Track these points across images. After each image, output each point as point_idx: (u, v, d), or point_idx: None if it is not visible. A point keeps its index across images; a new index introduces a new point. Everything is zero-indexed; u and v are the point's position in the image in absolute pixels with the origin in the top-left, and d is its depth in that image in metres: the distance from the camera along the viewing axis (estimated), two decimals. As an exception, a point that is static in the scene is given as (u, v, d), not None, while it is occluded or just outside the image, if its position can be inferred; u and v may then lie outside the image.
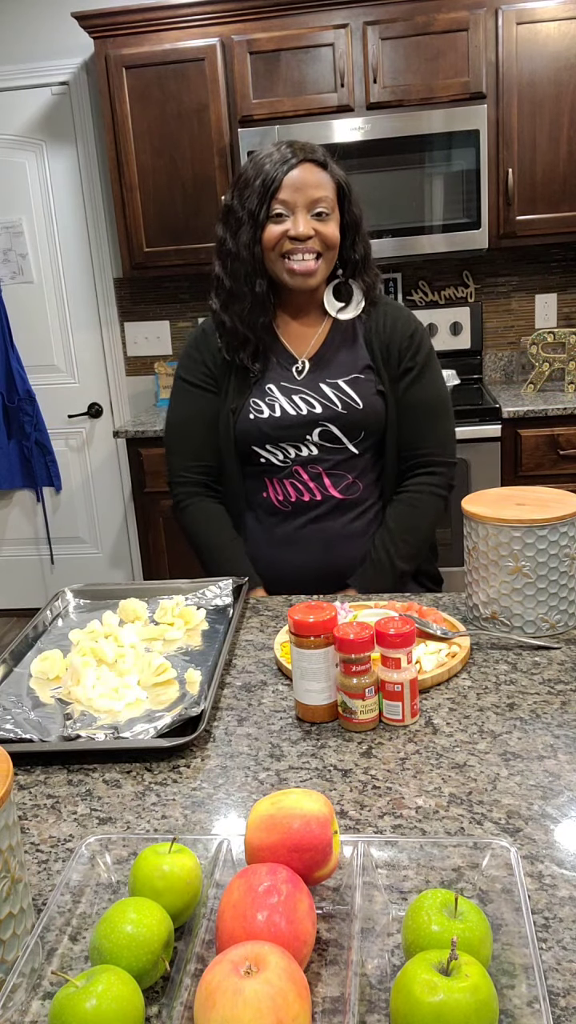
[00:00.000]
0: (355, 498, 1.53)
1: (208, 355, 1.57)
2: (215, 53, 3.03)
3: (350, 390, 1.49)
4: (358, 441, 1.51)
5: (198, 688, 1.14)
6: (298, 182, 1.41)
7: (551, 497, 1.29)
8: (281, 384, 1.51)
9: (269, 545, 1.56)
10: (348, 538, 1.53)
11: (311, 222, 1.42)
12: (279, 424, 1.50)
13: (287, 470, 1.52)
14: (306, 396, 1.49)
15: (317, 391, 1.50)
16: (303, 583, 1.53)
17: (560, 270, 3.47)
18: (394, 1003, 0.59)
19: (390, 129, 2.96)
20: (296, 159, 1.42)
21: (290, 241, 1.42)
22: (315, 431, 1.50)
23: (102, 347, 3.75)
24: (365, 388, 1.51)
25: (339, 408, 1.49)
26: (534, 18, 2.89)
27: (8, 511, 3.94)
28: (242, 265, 1.47)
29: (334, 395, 1.49)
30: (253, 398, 1.51)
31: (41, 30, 3.44)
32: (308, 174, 1.42)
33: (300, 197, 1.41)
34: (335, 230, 1.45)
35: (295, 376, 1.51)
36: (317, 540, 1.52)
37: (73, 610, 1.48)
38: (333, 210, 1.45)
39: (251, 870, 0.69)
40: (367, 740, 1.02)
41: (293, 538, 1.53)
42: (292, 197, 1.41)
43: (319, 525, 1.53)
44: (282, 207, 1.42)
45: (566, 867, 0.78)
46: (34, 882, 0.81)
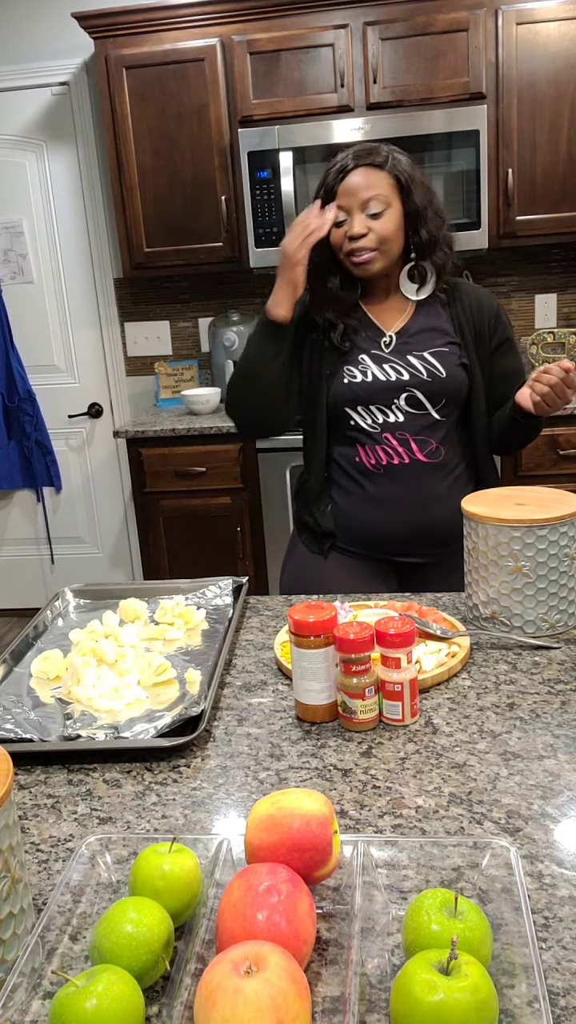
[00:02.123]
0: (439, 462, 1.65)
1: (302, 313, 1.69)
2: (215, 53, 3.03)
3: (434, 360, 1.63)
4: (441, 407, 1.63)
5: (198, 688, 1.14)
6: (351, 187, 1.57)
7: (551, 497, 1.29)
8: (372, 353, 1.65)
9: (364, 504, 1.67)
10: (436, 500, 1.65)
11: (365, 221, 1.57)
12: (371, 388, 1.63)
13: (376, 435, 1.64)
14: (395, 364, 1.63)
15: (404, 361, 1.63)
16: (397, 543, 1.67)
17: (560, 270, 3.47)
18: (394, 1003, 0.59)
19: (390, 129, 2.96)
20: (351, 165, 1.58)
21: (350, 241, 1.58)
22: (402, 396, 1.62)
23: (102, 347, 3.75)
24: (449, 359, 1.63)
25: (424, 376, 1.62)
26: (534, 18, 2.89)
27: (8, 511, 3.94)
28: (319, 268, 1.64)
29: (420, 364, 1.62)
30: (347, 365, 1.65)
31: (41, 30, 3.44)
32: (361, 178, 1.57)
33: (354, 200, 1.57)
34: (389, 224, 1.58)
35: (383, 348, 1.65)
36: (407, 501, 1.65)
37: (73, 610, 1.48)
38: (389, 205, 1.58)
39: (251, 870, 0.69)
40: (367, 740, 1.02)
41: (386, 498, 1.65)
42: (347, 202, 1.57)
43: (408, 486, 1.65)
44: (341, 212, 1.58)
45: (566, 867, 0.78)
46: (34, 882, 0.81)
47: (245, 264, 3.19)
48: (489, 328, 1.69)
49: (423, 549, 1.68)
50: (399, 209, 1.59)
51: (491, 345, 1.69)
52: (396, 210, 1.59)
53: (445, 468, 1.66)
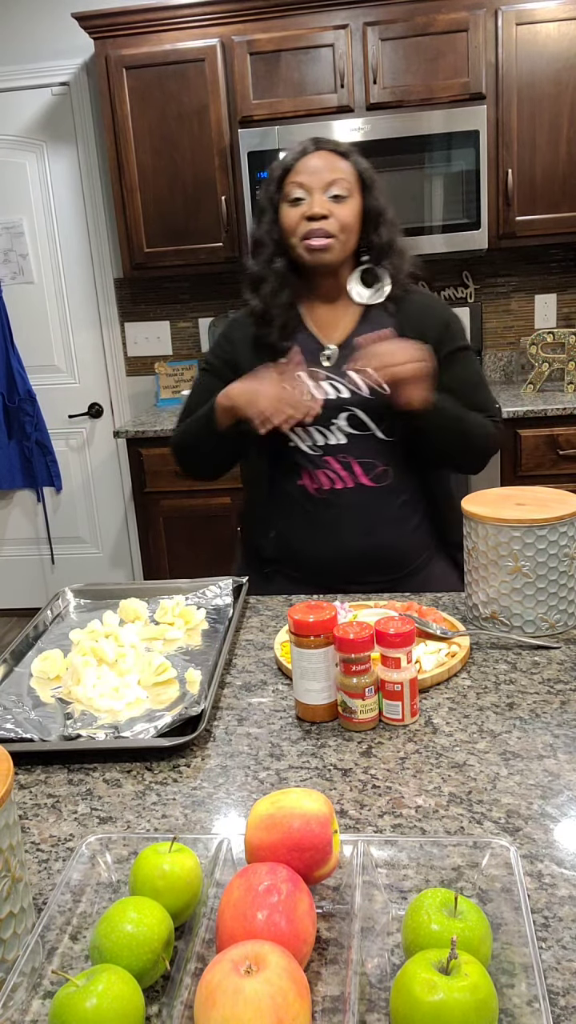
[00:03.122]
0: (387, 485, 1.56)
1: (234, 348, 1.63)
2: (215, 54, 3.03)
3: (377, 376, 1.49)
4: (385, 426, 1.53)
5: (198, 688, 1.14)
6: (313, 166, 1.49)
7: (551, 497, 1.29)
8: (309, 370, 1.54)
9: (308, 530, 1.58)
10: (383, 524, 1.56)
11: (327, 203, 1.48)
12: None
13: (318, 459, 1.55)
14: (333, 381, 1.53)
15: (344, 376, 1.52)
16: (341, 569, 1.56)
17: (560, 270, 3.47)
18: (394, 1002, 0.59)
19: (390, 130, 2.97)
20: (314, 147, 1.51)
21: (307, 222, 1.48)
22: (342, 416, 1.52)
23: (102, 347, 3.75)
24: None
25: (365, 393, 1.51)
26: (534, 19, 2.89)
27: (8, 511, 3.95)
28: (264, 249, 1.55)
29: (361, 380, 1.51)
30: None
31: (41, 31, 3.44)
32: (324, 160, 1.49)
33: (316, 180, 1.48)
34: (351, 213, 1.49)
35: (323, 363, 1.54)
36: (351, 527, 1.55)
37: (73, 610, 1.48)
38: (351, 195, 1.49)
39: (251, 869, 0.69)
40: (367, 740, 1.02)
41: (329, 524, 1.56)
42: (309, 180, 1.48)
43: (353, 512, 1.55)
44: (300, 190, 1.49)
45: (565, 866, 0.78)
46: (34, 881, 0.81)
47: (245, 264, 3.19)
48: (437, 338, 1.56)
49: (372, 576, 1.56)
50: (359, 203, 1.51)
51: (440, 354, 1.54)
52: (357, 202, 1.51)
53: (394, 491, 1.56)
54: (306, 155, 1.50)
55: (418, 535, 1.61)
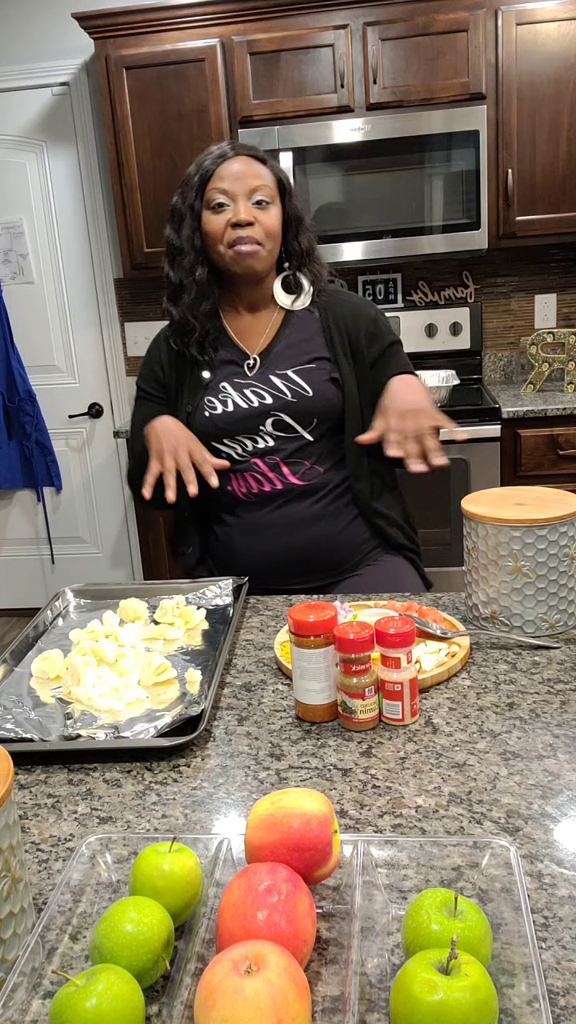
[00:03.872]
0: (316, 483, 1.56)
1: (158, 365, 1.63)
2: (215, 54, 3.03)
3: (299, 379, 1.52)
4: (311, 428, 1.54)
5: (198, 688, 1.14)
6: (236, 172, 1.47)
7: (551, 497, 1.29)
8: (233, 381, 1.55)
9: (241, 535, 1.59)
10: (314, 521, 1.56)
11: (252, 210, 1.47)
12: (232, 418, 1.53)
13: (246, 463, 1.55)
14: (256, 389, 1.53)
15: (267, 383, 1.53)
16: (277, 569, 1.57)
17: (560, 270, 3.47)
18: (394, 1002, 0.59)
19: (390, 130, 2.97)
20: (232, 152, 1.49)
21: (233, 229, 1.47)
22: (268, 421, 1.53)
23: (102, 347, 3.75)
24: (316, 376, 1.53)
25: (289, 397, 1.52)
26: (534, 19, 2.89)
27: (8, 511, 3.95)
28: (184, 257, 1.53)
29: (284, 385, 1.52)
30: (207, 396, 1.55)
31: (41, 31, 3.44)
32: (245, 165, 1.47)
33: (239, 186, 1.46)
34: (275, 219, 1.50)
35: (246, 372, 1.55)
36: (282, 526, 1.55)
37: (73, 610, 1.48)
38: (273, 200, 1.49)
39: (251, 869, 0.69)
40: (367, 740, 1.02)
41: (261, 526, 1.56)
42: (232, 187, 1.46)
43: (283, 511, 1.55)
44: (223, 196, 1.47)
45: (565, 866, 0.78)
46: (34, 881, 0.81)
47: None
48: (367, 337, 1.57)
49: (308, 576, 1.57)
50: (280, 210, 1.51)
51: (370, 355, 1.57)
52: (279, 209, 1.50)
53: (323, 488, 1.57)
54: (226, 160, 1.48)
55: (351, 532, 1.59)
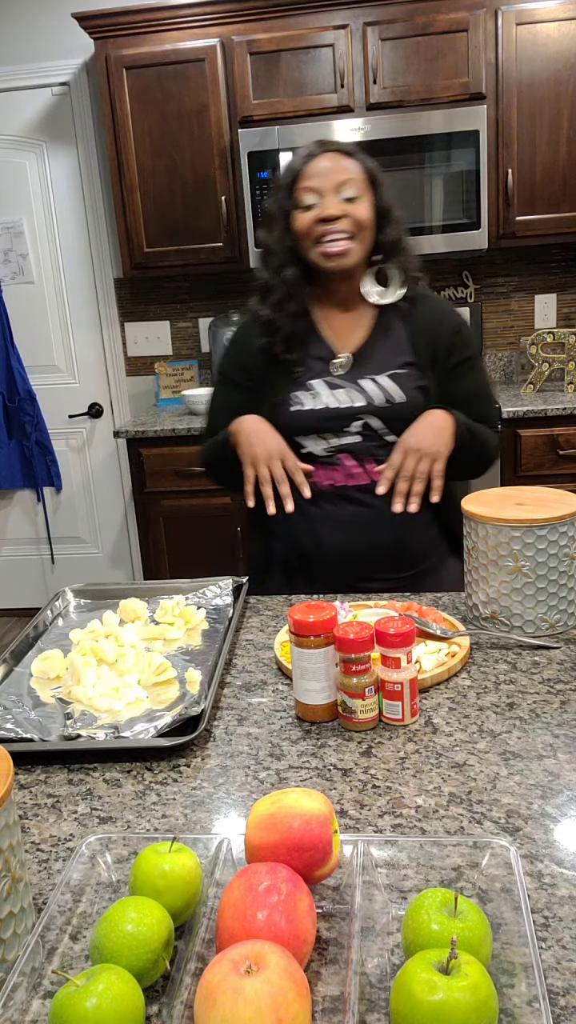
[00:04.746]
0: None
1: (247, 353, 1.62)
2: (215, 53, 3.03)
3: (391, 384, 1.52)
4: (399, 431, 1.52)
5: (198, 687, 1.14)
6: (323, 168, 1.47)
7: (551, 497, 1.29)
8: (324, 378, 1.55)
9: (316, 529, 1.57)
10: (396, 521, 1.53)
11: (341, 204, 1.46)
12: (320, 416, 1.53)
13: (330, 458, 1.55)
14: (348, 390, 1.53)
15: (358, 385, 1.53)
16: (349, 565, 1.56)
17: (560, 270, 3.47)
18: (394, 1002, 0.59)
19: (390, 130, 2.96)
20: (320, 150, 1.49)
21: (321, 224, 1.46)
22: (355, 423, 1.53)
23: (102, 347, 3.75)
24: (406, 383, 1.53)
25: (379, 403, 1.52)
26: (534, 19, 2.89)
27: (8, 511, 3.94)
28: (275, 258, 1.53)
29: (375, 390, 1.52)
30: (295, 391, 1.55)
31: (41, 31, 3.44)
32: (332, 161, 1.48)
33: (327, 182, 1.46)
34: (366, 211, 1.49)
35: (337, 371, 1.54)
36: (363, 522, 1.55)
37: (73, 610, 1.48)
38: (363, 193, 1.49)
39: (251, 869, 0.69)
40: (367, 739, 1.02)
41: (340, 520, 1.55)
42: (319, 183, 1.46)
43: (367, 509, 1.55)
44: (311, 195, 1.47)
45: (565, 866, 0.78)
46: (34, 881, 0.81)
47: (245, 264, 3.19)
48: (447, 347, 1.57)
49: (377, 571, 1.56)
50: (371, 202, 1.50)
51: (448, 363, 1.57)
52: (369, 201, 1.49)
53: None
54: (313, 158, 1.48)
55: (426, 534, 1.60)
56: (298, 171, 1.49)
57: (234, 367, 1.64)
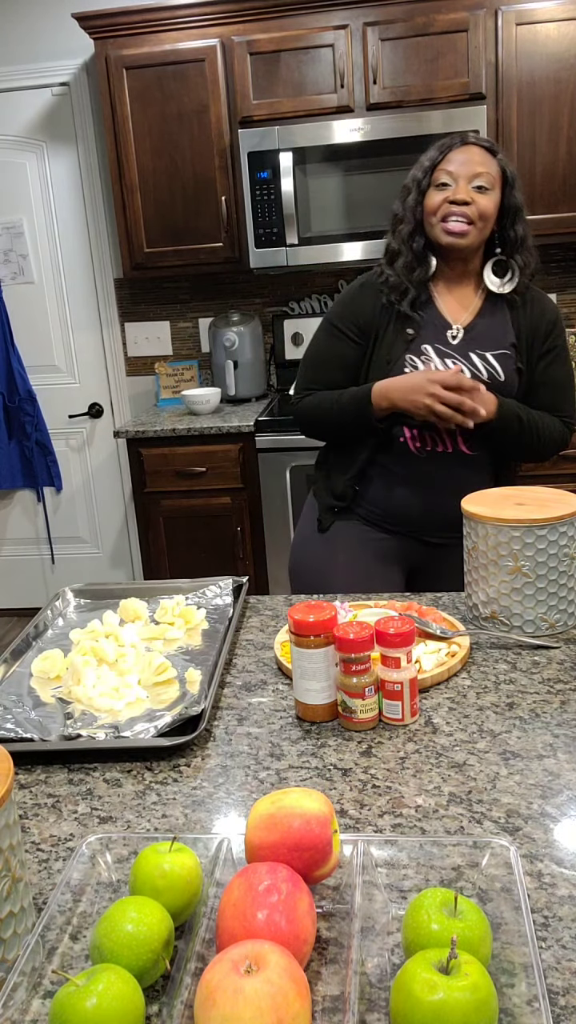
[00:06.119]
0: (480, 455, 1.69)
1: (362, 310, 1.72)
2: (215, 54, 3.03)
3: (496, 363, 1.65)
4: None
5: (198, 687, 1.14)
6: (463, 158, 1.61)
7: (551, 497, 1.29)
8: (436, 346, 1.66)
9: (402, 484, 1.71)
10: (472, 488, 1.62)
11: (471, 192, 1.59)
12: None
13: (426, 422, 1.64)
14: (457, 361, 1.65)
15: (467, 359, 1.65)
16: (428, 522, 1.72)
17: (560, 270, 3.47)
18: (394, 1002, 0.59)
19: (390, 130, 2.96)
20: (464, 141, 1.63)
21: (449, 205, 1.60)
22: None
23: (102, 347, 3.75)
24: (508, 363, 1.66)
25: (484, 377, 1.64)
26: (534, 19, 2.89)
27: (9, 511, 3.94)
28: (406, 226, 1.67)
29: (482, 365, 1.65)
30: (409, 354, 1.67)
31: (41, 31, 3.44)
32: (473, 154, 1.61)
33: (464, 170, 1.60)
34: (491, 204, 1.61)
35: (449, 340, 1.66)
36: (444, 486, 1.68)
37: (74, 610, 1.48)
38: (494, 188, 1.61)
39: (251, 869, 0.69)
40: (367, 739, 1.02)
41: (425, 482, 1.69)
42: (457, 169, 1.60)
43: (449, 473, 1.68)
44: (447, 177, 1.61)
45: (565, 866, 0.78)
46: (35, 881, 0.81)
47: (245, 264, 3.19)
48: (544, 334, 1.70)
49: (445, 532, 1.72)
50: (499, 198, 1.62)
51: (541, 350, 1.70)
52: (497, 196, 1.62)
53: (484, 461, 1.71)
54: (456, 148, 1.62)
55: None
56: (441, 155, 1.63)
57: (348, 321, 1.73)
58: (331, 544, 1.78)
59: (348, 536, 1.76)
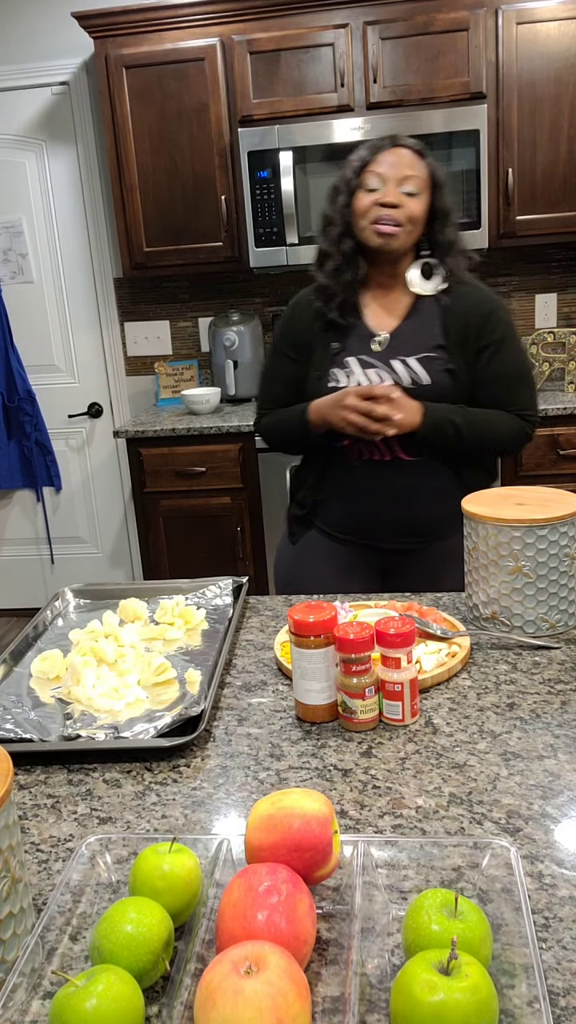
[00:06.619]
0: (421, 460, 1.66)
1: (296, 328, 1.74)
2: (215, 53, 3.03)
3: (419, 367, 1.62)
4: None
5: (198, 688, 1.14)
6: (392, 160, 1.60)
7: (551, 497, 1.29)
8: (359, 357, 1.66)
9: (348, 493, 1.72)
10: (415, 494, 1.67)
11: (400, 195, 1.59)
12: None
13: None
14: (379, 370, 1.64)
15: (389, 366, 1.64)
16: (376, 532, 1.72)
17: (560, 270, 3.47)
18: (394, 1003, 0.59)
19: (390, 129, 2.96)
20: (393, 143, 1.62)
21: (378, 207, 1.59)
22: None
23: (102, 347, 3.74)
24: (434, 366, 1.63)
25: (407, 383, 1.62)
26: (534, 18, 2.89)
27: (8, 511, 3.94)
28: (335, 228, 1.66)
29: (404, 371, 1.63)
30: (333, 368, 1.67)
31: (41, 30, 3.44)
32: (402, 156, 1.61)
33: (393, 172, 1.59)
34: (420, 207, 1.61)
35: (372, 350, 1.66)
36: (388, 495, 1.68)
37: (73, 610, 1.48)
38: (422, 192, 1.61)
39: (251, 870, 0.69)
40: (367, 740, 1.02)
41: (369, 492, 1.69)
42: (386, 172, 1.60)
43: (391, 482, 1.67)
44: (376, 180, 1.60)
45: (566, 867, 0.78)
46: (34, 882, 0.81)
47: (245, 264, 3.19)
48: (477, 329, 1.64)
49: (401, 538, 1.71)
50: (428, 201, 1.62)
51: (478, 344, 1.65)
52: (426, 200, 1.62)
53: (428, 465, 1.66)
54: (385, 149, 1.62)
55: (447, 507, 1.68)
56: (371, 156, 1.62)
57: (285, 341, 1.76)
58: (300, 555, 1.80)
59: (314, 549, 1.78)
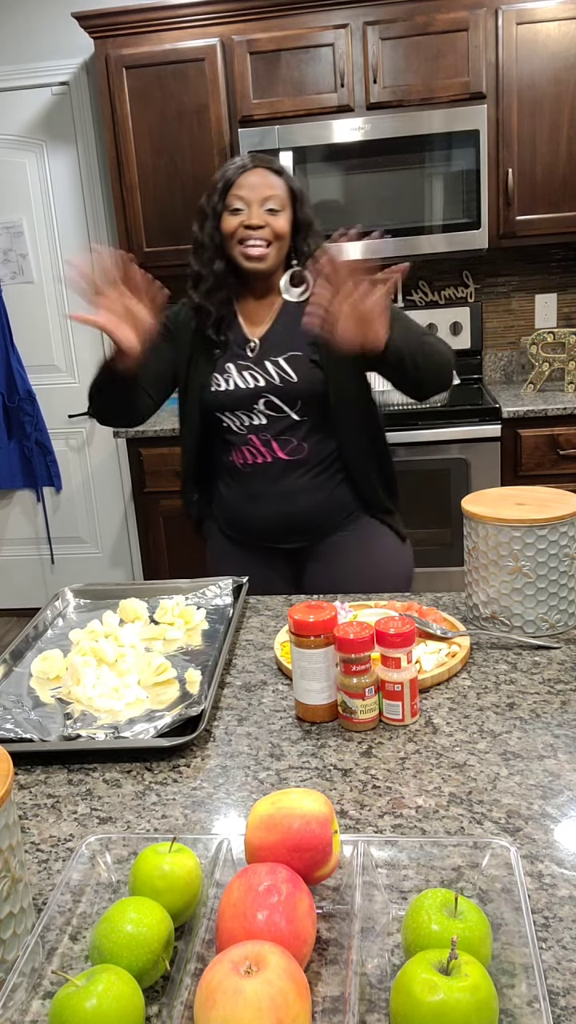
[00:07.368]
0: (301, 458, 1.73)
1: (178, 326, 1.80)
2: (215, 53, 3.03)
3: (287, 366, 1.70)
4: (297, 409, 1.71)
5: (198, 688, 1.14)
6: (253, 182, 1.66)
7: (551, 497, 1.29)
8: (236, 362, 1.74)
9: (238, 502, 1.79)
10: (300, 492, 1.74)
11: (264, 215, 1.65)
12: (232, 396, 1.72)
13: (243, 437, 1.74)
14: (253, 372, 1.72)
15: (262, 367, 1.71)
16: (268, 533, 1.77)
17: (560, 270, 3.47)
18: (394, 1002, 0.59)
19: (390, 129, 2.96)
20: (252, 165, 1.68)
21: (245, 230, 1.66)
22: (260, 401, 1.71)
23: (102, 347, 3.74)
24: (301, 363, 1.70)
25: (277, 382, 1.70)
26: (534, 18, 2.89)
27: (8, 511, 3.94)
28: (205, 251, 1.73)
29: (274, 371, 1.70)
30: (215, 373, 1.74)
31: (41, 30, 3.44)
32: (262, 177, 1.67)
33: (255, 194, 1.66)
34: (284, 224, 1.68)
35: (247, 354, 1.73)
36: (273, 496, 1.74)
37: (73, 610, 1.48)
38: (284, 208, 1.68)
39: (251, 869, 0.69)
40: (367, 740, 1.02)
41: (255, 495, 1.76)
42: (248, 194, 1.66)
43: (274, 483, 1.74)
44: (240, 202, 1.66)
45: (566, 866, 0.78)
46: (34, 882, 0.81)
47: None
48: None
49: (292, 537, 1.77)
50: (290, 216, 1.69)
51: None
52: (289, 215, 1.69)
53: (309, 463, 1.73)
54: (246, 171, 1.67)
55: (333, 501, 1.77)
56: (232, 180, 1.68)
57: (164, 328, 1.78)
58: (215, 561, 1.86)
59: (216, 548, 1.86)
